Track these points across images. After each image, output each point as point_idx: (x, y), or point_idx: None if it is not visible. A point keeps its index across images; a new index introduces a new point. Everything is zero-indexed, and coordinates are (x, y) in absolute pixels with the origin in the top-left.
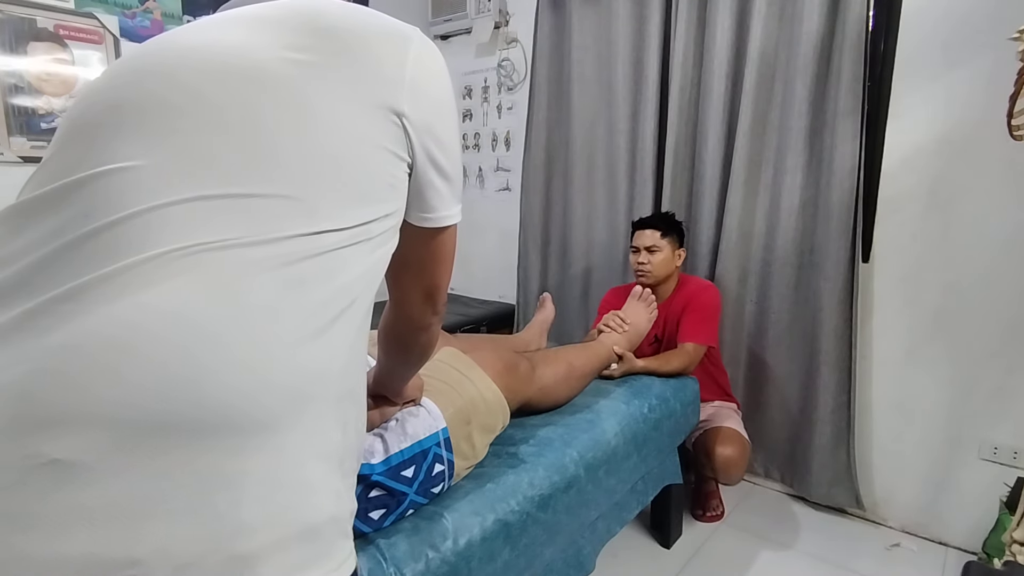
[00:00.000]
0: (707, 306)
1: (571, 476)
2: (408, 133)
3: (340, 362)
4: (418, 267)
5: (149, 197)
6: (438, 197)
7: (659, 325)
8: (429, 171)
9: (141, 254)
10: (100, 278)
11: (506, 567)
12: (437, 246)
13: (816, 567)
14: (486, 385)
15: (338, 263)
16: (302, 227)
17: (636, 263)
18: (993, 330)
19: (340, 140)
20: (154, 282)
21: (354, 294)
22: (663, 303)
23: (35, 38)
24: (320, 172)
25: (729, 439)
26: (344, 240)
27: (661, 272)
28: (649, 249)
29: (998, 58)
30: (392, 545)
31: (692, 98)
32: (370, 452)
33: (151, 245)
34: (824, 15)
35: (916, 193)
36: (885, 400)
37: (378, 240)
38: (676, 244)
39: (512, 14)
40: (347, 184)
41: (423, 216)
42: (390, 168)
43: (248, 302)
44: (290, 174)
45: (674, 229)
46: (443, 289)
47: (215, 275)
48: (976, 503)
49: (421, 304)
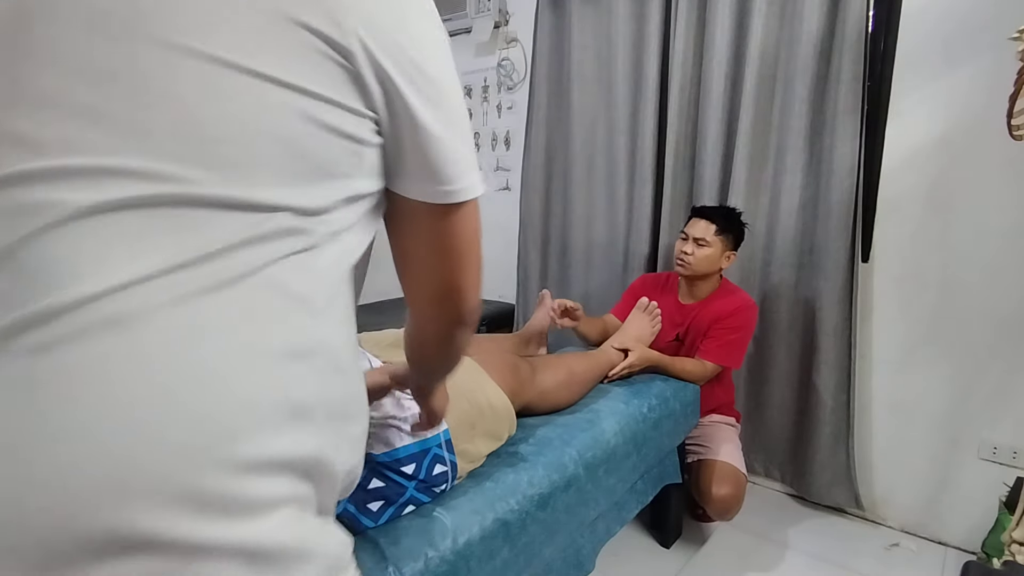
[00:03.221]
0: (744, 328)
1: (570, 475)
2: (361, 72)
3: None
4: (423, 262)
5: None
6: (444, 157)
7: (683, 324)
8: (420, 116)
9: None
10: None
11: (505, 566)
12: (450, 230)
13: (815, 567)
14: (496, 393)
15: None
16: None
17: (679, 250)
18: (993, 330)
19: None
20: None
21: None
22: (697, 303)
23: None
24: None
25: (724, 478)
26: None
27: (702, 268)
28: (698, 241)
29: (998, 58)
30: (392, 543)
31: (692, 97)
32: (371, 446)
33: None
34: (824, 14)
35: (916, 193)
36: (885, 400)
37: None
38: (729, 245)
39: (512, 13)
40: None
41: (428, 188)
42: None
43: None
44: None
45: (732, 228)
46: (466, 291)
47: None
48: (975, 503)
49: (434, 312)
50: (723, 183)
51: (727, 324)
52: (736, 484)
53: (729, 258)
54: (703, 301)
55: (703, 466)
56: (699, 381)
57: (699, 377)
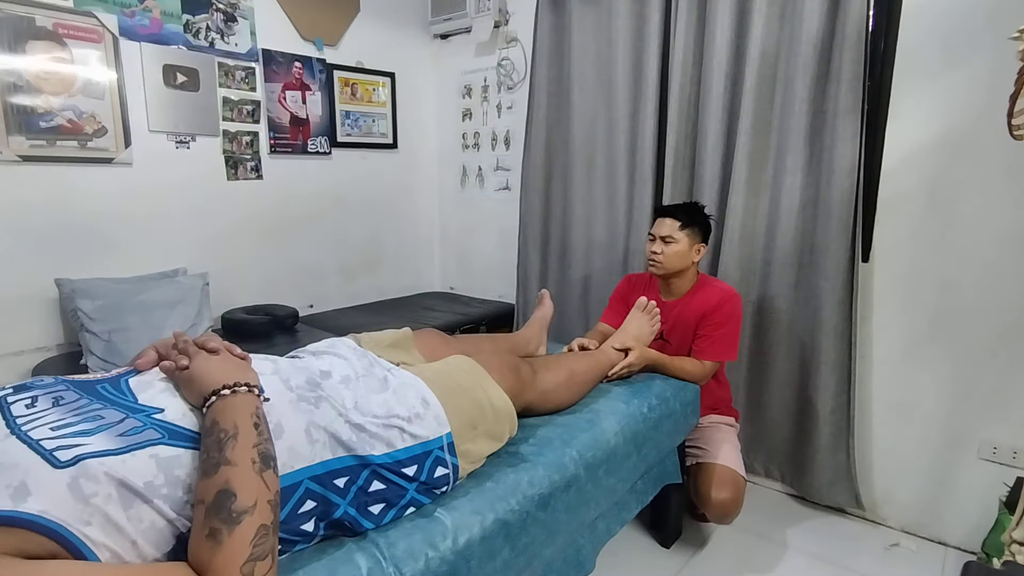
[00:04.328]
0: (731, 319)
1: (571, 475)
2: None
3: None
4: None
5: None
6: None
7: (668, 323)
8: None
9: None
10: None
11: (506, 566)
12: None
13: (815, 567)
14: (497, 394)
15: None
16: None
17: (649, 251)
18: (993, 330)
19: None
20: None
21: None
22: (677, 300)
23: (34, 37)
24: None
25: (724, 482)
26: None
27: (673, 265)
28: (664, 239)
29: (998, 57)
30: (391, 544)
31: (692, 97)
32: (372, 446)
33: None
34: (824, 14)
35: (916, 193)
36: (885, 400)
37: None
38: (696, 238)
39: (512, 13)
40: None
41: None
42: None
43: None
44: None
45: (696, 222)
46: None
47: None
48: (975, 503)
49: None
50: (723, 183)
51: (714, 319)
52: (735, 488)
53: (699, 251)
54: (684, 298)
55: (702, 469)
56: (699, 381)
57: (699, 376)
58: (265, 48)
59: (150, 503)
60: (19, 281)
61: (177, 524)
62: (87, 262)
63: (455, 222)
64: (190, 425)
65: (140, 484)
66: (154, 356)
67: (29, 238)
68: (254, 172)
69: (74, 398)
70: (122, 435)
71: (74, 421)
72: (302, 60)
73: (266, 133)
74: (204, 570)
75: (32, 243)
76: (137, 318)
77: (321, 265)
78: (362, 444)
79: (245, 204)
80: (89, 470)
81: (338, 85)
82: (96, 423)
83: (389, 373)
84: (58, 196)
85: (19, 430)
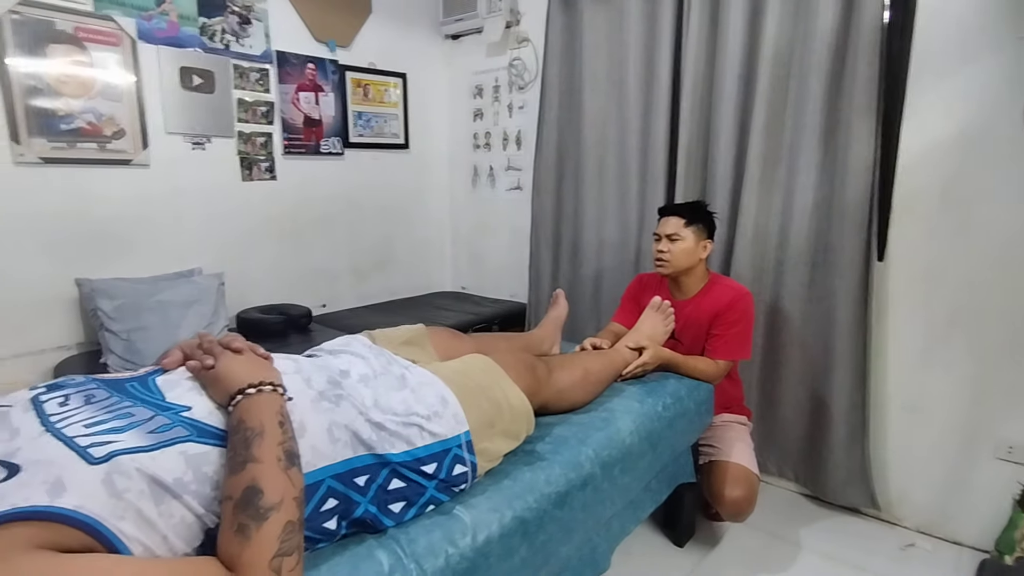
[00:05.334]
0: (744, 318)
1: (587, 474)
2: None
3: None
4: None
5: None
6: None
7: (679, 322)
8: None
9: None
10: None
11: (523, 564)
12: None
13: (830, 567)
14: (514, 393)
15: None
16: None
17: (656, 251)
18: (1009, 329)
19: None
20: None
21: None
22: (688, 300)
23: (54, 40)
24: None
25: (737, 480)
26: None
27: (681, 263)
28: (670, 237)
29: (1015, 54)
30: (412, 541)
31: (704, 96)
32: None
33: None
34: (839, 12)
35: (932, 191)
36: (900, 399)
37: None
38: (702, 235)
39: (523, 13)
40: None
41: None
42: None
43: None
44: None
45: (700, 219)
46: None
47: None
48: (991, 502)
49: None
50: (736, 182)
51: (727, 319)
52: (748, 486)
53: (706, 247)
54: (695, 297)
55: (715, 468)
56: (713, 380)
57: (713, 376)
58: (279, 50)
59: (180, 499)
60: (41, 281)
61: (206, 519)
62: (106, 262)
63: (466, 222)
64: (216, 423)
65: (170, 480)
66: (180, 356)
67: (50, 239)
68: (268, 173)
69: (105, 396)
70: (152, 432)
71: (106, 418)
72: (315, 61)
73: (280, 134)
74: (233, 565)
75: (53, 244)
76: (155, 317)
77: (334, 265)
78: (382, 442)
79: (259, 205)
80: (122, 466)
81: (350, 86)
82: (127, 420)
83: (407, 371)
84: (78, 197)
85: (53, 428)
